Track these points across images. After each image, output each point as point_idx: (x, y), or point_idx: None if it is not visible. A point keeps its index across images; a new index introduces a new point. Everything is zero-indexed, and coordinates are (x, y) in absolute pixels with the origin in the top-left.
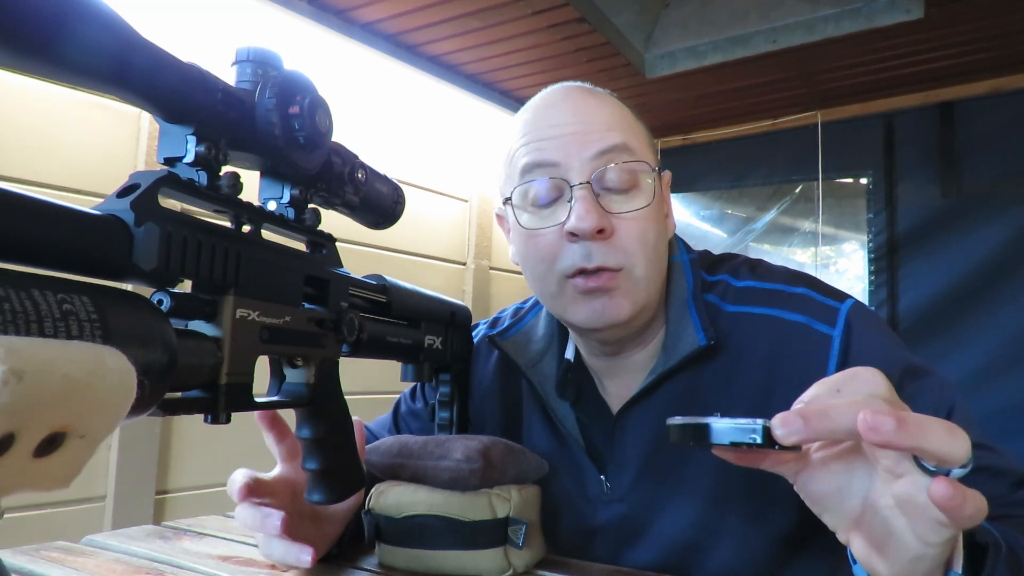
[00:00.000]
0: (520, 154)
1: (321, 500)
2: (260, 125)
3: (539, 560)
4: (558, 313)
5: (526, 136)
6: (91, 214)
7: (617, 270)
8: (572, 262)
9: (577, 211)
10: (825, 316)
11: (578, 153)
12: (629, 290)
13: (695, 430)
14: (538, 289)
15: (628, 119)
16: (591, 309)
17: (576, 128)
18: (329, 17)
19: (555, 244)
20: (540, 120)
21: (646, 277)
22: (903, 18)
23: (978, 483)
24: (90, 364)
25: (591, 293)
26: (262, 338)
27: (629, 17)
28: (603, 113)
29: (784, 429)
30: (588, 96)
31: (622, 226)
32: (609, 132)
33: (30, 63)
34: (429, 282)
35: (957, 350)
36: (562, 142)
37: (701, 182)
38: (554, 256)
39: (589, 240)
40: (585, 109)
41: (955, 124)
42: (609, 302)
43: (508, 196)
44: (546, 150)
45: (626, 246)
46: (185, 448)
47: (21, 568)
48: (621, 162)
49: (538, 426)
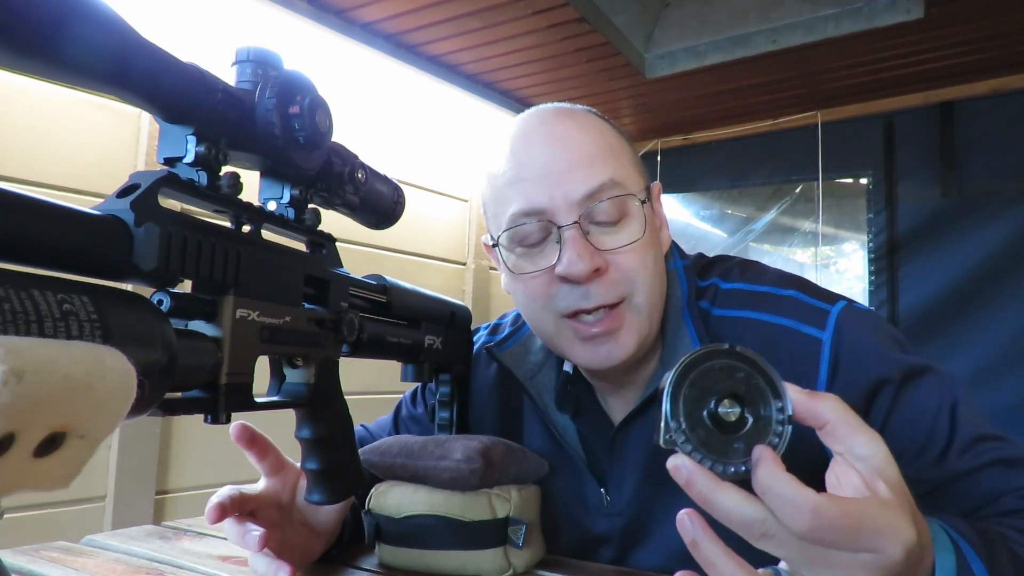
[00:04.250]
0: (506, 195)
1: (321, 500)
2: (260, 125)
3: (539, 560)
4: (558, 351)
5: (509, 173)
6: (91, 214)
7: (618, 303)
8: (568, 303)
9: (568, 256)
10: (814, 319)
11: (564, 196)
12: (633, 321)
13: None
14: (534, 326)
15: (611, 142)
16: (595, 354)
17: (558, 166)
18: (329, 17)
19: (547, 285)
20: (520, 155)
21: (648, 303)
22: (903, 18)
23: (993, 476)
24: (90, 364)
25: (595, 339)
26: (262, 338)
27: (629, 17)
28: (584, 144)
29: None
30: (567, 122)
31: (617, 260)
32: (592, 168)
33: (30, 63)
34: (429, 282)
35: (957, 350)
36: (546, 183)
37: (701, 182)
38: (548, 297)
39: (584, 282)
40: (565, 140)
41: (955, 124)
42: (615, 345)
43: (496, 240)
44: (531, 194)
45: (624, 277)
46: (185, 448)
47: (21, 568)
48: (608, 198)
49: (538, 436)
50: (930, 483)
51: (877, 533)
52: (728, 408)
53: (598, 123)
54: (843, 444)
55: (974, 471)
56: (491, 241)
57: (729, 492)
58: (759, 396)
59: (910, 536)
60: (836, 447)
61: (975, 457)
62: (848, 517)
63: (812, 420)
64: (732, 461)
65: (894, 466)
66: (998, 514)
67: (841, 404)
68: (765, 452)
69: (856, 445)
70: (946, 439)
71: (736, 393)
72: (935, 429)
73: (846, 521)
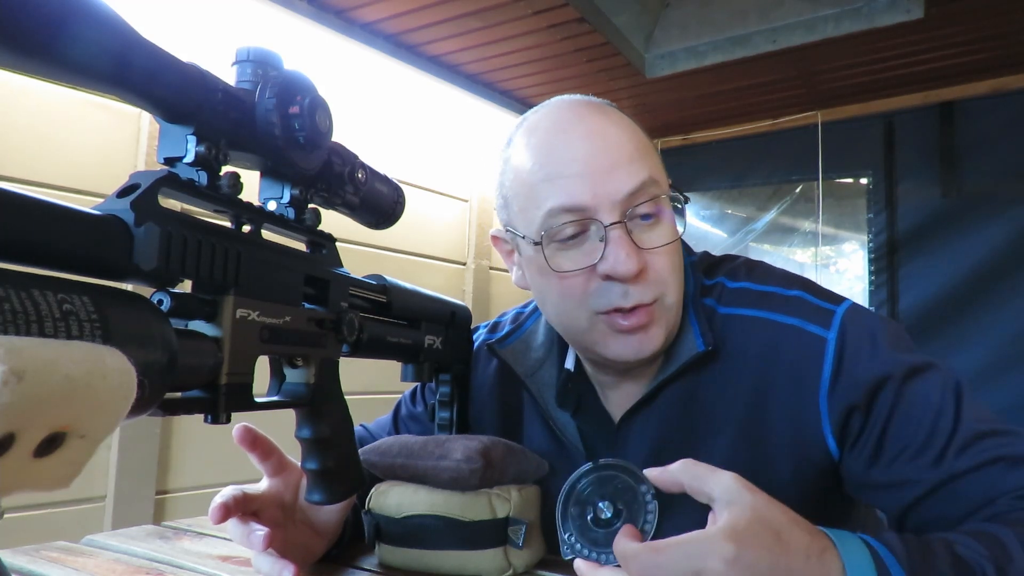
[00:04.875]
0: (542, 192)
1: (321, 500)
2: (260, 125)
3: (539, 560)
4: (585, 346)
5: (544, 169)
6: (91, 214)
7: (653, 303)
8: (608, 301)
9: (616, 255)
10: (820, 319)
11: (607, 194)
12: (662, 318)
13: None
14: (562, 323)
15: (643, 139)
16: (626, 345)
17: (600, 163)
18: (329, 17)
19: (586, 283)
20: (558, 151)
21: (676, 303)
22: (903, 18)
23: (992, 475)
24: (90, 364)
25: (629, 331)
26: (262, 338)
27: (629, 17)
28: (623, 141)
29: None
30: (602, 118)
31: (654, 260)
32: (633, 165)
33: (30, 63)
34: (429, 282)
35: (957, 350)
36: (588, 181)
37: (701, 182)
38: (585, 294)
39: (627, 281)
40: (604, 138)
41: (955, 124)
42: (645, 337)
43: (526, 234)
44: (573, 192)
45: (659, 278)
46: (185, 448)
47: (21, 568)
48: (651, 198)
49: (538, 434)
50: (929, 483)
51: (693, 557)
52: (605, 508)
53: (627, 119)
54: (702, 495)
55: (972, 470)
56: (506, 234)
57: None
58: (627, 489)
59: (727, 551)
60: (700, 499)
61: (976, 455)
62: (660, 553)
63: (673, 488)
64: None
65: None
66: (990, 517)
67: (689, 463)
68: (622, 531)
69: (710, 491)
70: (947, 437)
71: (607, 495)
72: (937, 426)
73: (659, 558)
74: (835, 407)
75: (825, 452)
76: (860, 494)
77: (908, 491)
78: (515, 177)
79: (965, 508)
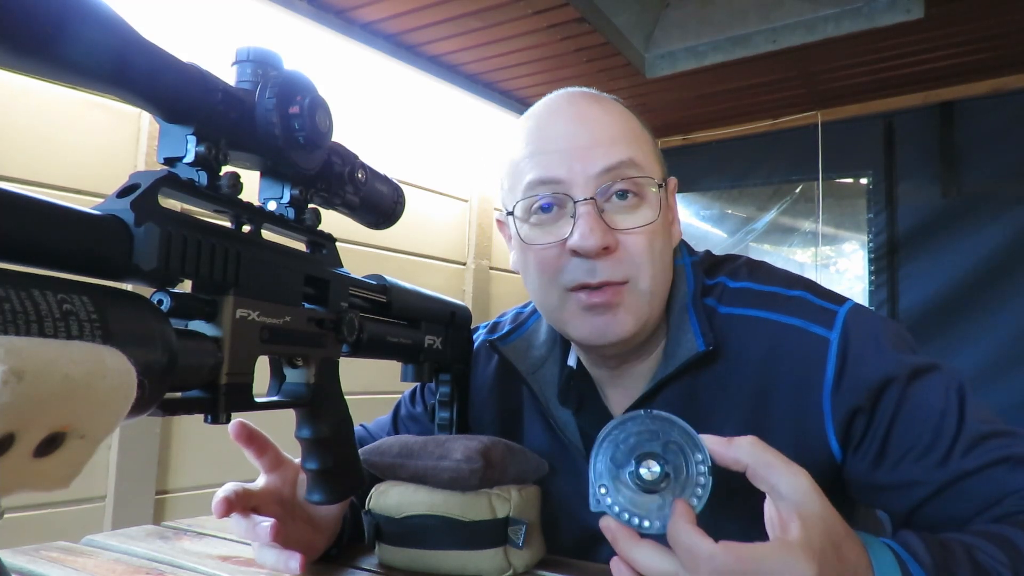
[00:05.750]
0: (524, 166)
1: (321, 500)
2: (260, 125)
3: (539, 560)
4: (559, 326)
5: (530, 147)
6: (91, 214)
7: (623, 283)
8: (574, 277)
9: (581, 229)
10: (822, 319)
11: (583, 169)
12: (633, 304)
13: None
14: (539, 300)
15: (634, 128)
16: (593, 326)
17: (580, 141)
18: (329, 17)
19: (557, 258)
20: (544, 130)
21: (651, 291)
22: (903, 18)
23: (998, 475)
24: (90, 364)
25: (594, 309)
26: (262, 338)
27: (629, 17)
28: (608, 124)
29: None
30: (593, 105)
31: (627, 241)
32: (614, 146)
33: (30, 63)
34: (429, 282)
35: (957, 350)
36: (566, 156)
37: (701, 182)
38: (556, 270)
39: (593, 257)
40: (590, 120)
41: (955, 124)
42: (612, 319)
43: (511, 209)
44: (550, 165)
45: (632, 259)
46: (185, 448)
47: (21, 568)
48: (626, 177)
49: (538, 432)
50: (936, 483)
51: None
52: (649, 468)
53: (623, 109)
54: (765, 484)
55: (979, 470)
56: (507, 208)
57: (644, 548)
58: (679, 453)
59: (808, 571)
60: (760, 487)
61: (981, 455)
62: (742, 562)
63: (733, 466)
64: (655, 516)
65: (816, 500)
66: (998, 517)
67: (758, 446)
68: (676, 507)
69: (777, 484)
70: (952, 437)
71: (656, 453)
72: (942, 427)
73: (740, 566)
74: (838, 409)
75: (828, 454)
76: (864, 496)
77: (915, 492)
78: (507, 159)
79: (973, 508)
